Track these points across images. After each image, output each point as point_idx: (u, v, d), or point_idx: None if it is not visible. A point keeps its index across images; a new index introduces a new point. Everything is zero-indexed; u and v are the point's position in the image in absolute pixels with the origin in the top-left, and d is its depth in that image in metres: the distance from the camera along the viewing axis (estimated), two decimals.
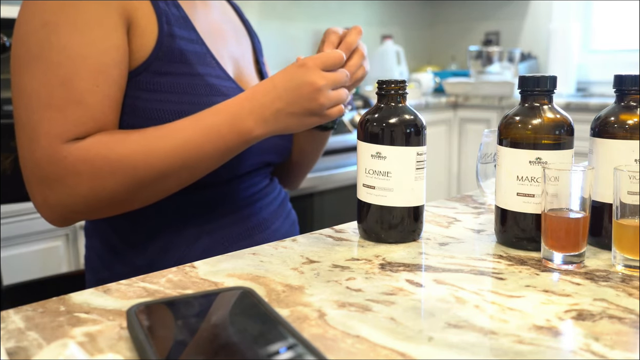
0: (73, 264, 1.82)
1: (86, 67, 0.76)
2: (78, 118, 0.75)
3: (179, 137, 0.76)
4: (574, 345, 0.46)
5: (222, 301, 0.50)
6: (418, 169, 0.70)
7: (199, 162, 0.77)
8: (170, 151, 0.75)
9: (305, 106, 0.77)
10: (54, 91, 0.75)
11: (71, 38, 0.75)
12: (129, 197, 0.77)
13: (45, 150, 0.74)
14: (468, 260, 0.65)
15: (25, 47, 0.76)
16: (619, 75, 0.68)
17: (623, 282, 0.58)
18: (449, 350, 0.45)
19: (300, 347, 0.41)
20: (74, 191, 0.75)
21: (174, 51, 0.82)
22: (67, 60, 0.75)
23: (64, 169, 0.74)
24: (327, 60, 0.78)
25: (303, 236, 0.74)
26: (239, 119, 0.77)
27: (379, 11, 3.46)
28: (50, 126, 0.74)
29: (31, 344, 0.46)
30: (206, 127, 0.76)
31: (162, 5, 0.83)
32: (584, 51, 3.17)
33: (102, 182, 0.75)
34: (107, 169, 0.75)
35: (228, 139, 0.77)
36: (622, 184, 0.60)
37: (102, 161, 0.74)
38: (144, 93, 0.80)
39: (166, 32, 0.81)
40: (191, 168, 0.78)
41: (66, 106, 0.75)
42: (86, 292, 0.56)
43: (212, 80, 0.84)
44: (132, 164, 0.75)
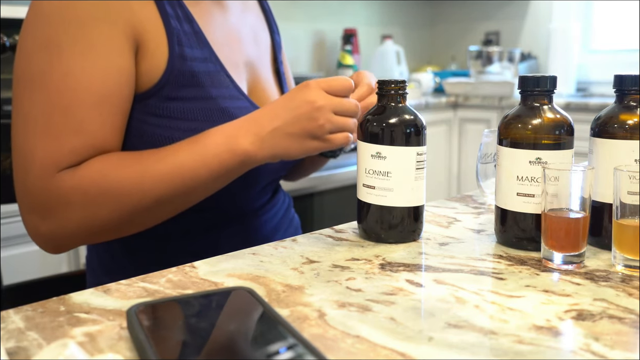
0: (73, 264, 1.82)
1: (88, 95, 0.73)
2: (75, 147, 0.73)
3: (173, 161, 0.73)
4: (574, 345, 0.46)
5: (222, 301, 0.50)
6: (418, 169, 0.70)
7: (195, 187, 0.75)
8: (164, 176, 0.73)
9: (305, 126, 0.73)
10: (53, 118, 0.72)
11: (74, 62, 0.72)
12: (123, 224, 0.75)
13: (37, 179, 0.72)
14: (468, 260, 0.65)
15: (27, 66, 0.74)
16: (619, 75, 0.68)
17: (623, 282, 0.58)
18: (449, 350, 0.45)
19: (300, 347, 0.41)
20: (66, 221, 0.73)
21: (185, 74, 0.79)
22: (68, 87, 0.72)
23: (56, 199, 0.72)
24: (332, 82, 0.74)
25: (303, 236, 0.74)
26: (235, 140, 0.73)
27: (379, 11, 3.46)
28: (45, 155, 0.72)
29: (31, 344, 0.46)
30: (201, 150, 0.73)
31: (174, 23, 0.79)
32: (584, 51, 3.17)
33: (95, 211, 0.73)
34: (100, 198, 0.72)
35: (224, 161, 0.74)
36: (622, 184, 0.60)
37: (95, 190, 0.72)
38: (153, 118, 0.78)
39: (177, 54, 0.78)
40: (187, 193, 0.75)
41: (64, 135, 0.72)
42: (86, 292, 0.56)
43: (224, 103, 0.82)
44: (126, 191, 0.72)
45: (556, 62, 2.96)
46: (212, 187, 0.76)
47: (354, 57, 3.02)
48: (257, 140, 0.73)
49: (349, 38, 3.04)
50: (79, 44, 0.72)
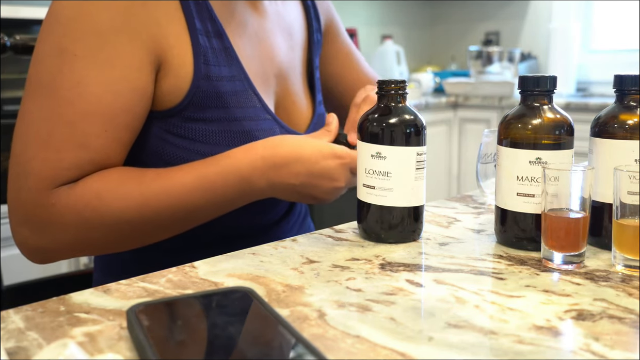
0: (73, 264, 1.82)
1: (97, 109, 0.69)
2: (76, 162, 0.69)
3: (178, 195, 0.71)
4: (574, 345, 0.46)
5: (222, 301, 0.50)
6: (418, 169, 0.70)
7: (197, 219, 0.74)
8: (167, 208, 0.71)
9: (315, 195, 0.75)
10: (56, 130, 0.69)
11: (87, 74, 0.69)
12: (116, 247, 0.74)
13: (32, 192, 0.69)
14: (468, 260, 0.65)
15: (38, 70, 0.70)
16: (619, 75, 0.68)
17: (623, 282, 0.58)
18: (449, 350, 0.45)
19: (300, 347, 0.41)
20: (57, 239, 0.70)
21: (210, 95, 0.75)
22: (78, 99, 0.68)
23: (49, 216, 0.69)
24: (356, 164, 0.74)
25: (303, 236, 0.74)
26: (248, 183, 0.72)
27: (379, 11, 3.46)
28: (42, 167, 0.69)
29: (31, 344, 0.46)
30: (210, 188, 0.71)
31: (202, 40, 0.75)
32: (584, 51, 3.17)
33: (89, 233, 0.70)
34: (96, 222, 0.70)
35: (233, 200, 0.73)
36: (622, 184, 0.60)
37: (92, 213, 0.69)
38: (173, 137, 0.76)
39: (203, 74, 0.75)
40: (188, 223, 0.74)
41: (65, 148, 0.69)
42: (86, 292, 0.56)
43: (249, 126, 0.79)
44: (124, 219, 0.70)
45: (556, 62, 2.96)
46: (215, 217, 0.76)
47: None
48: (270, 185, 0.73)
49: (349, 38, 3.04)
50: (95, 54, 0.69)
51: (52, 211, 0.69)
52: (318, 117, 0.94)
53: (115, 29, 0.70)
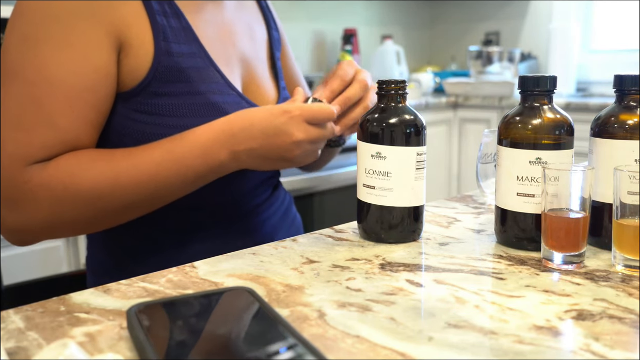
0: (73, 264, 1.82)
1: (61, 89, 0.72)
2: (46, 140, 0.72)
3: (147, 170, 0.74)
4: (574, 345, 0.46)
5: (222, 301, 0.50)
6: (418, 169, 0.70)
7: (167, 194, 0.76)
8: (137, 184, 0.73)
9: (280, 154, 0.76)
10: (25, 111, 0.72)
11: (50, 56, 0.72)
12: (89, 225, 0.76)
13: (5, 171, 0.72)
14: (468, 260, 0.65)
15: (6, 59, 0.74)
16: (619, 75, 0.68)
17: (623, 282, 0.58)
18: (449, 350, 0.45)
19: (300, 347, 0.41)
20: (31, 216, 0.73)
21: (171, 70, 0.78)
22: (43, 80, 0.72)
23: (22, 193, 0.72)
24: (316, 115, 0.76)
25: (303, 236, 0.74)
26: (211, 153, 0.75)
27: (379, 11, 3.46)
28: (14, 147, 0.71)
29: (31, 344, 0.46)
30: (177, 161, 0.74)
31: (160, 19, 0.78)
32: (584, 51, 3.17)
33: (62, 209, 0.73)
34: (69, 199, 0.72)
35: (200, 172, 0.75)
36: (622, 184, 0.60)
37: (64, 191, 0.72)
38: (140, 115, 0.78)
39: (163, 50, 0.77)
40: (159, 199, 0.76)
41: (35, 128, 0.72)
42: (86, 292, 0.56)
43: (214, 98, 0.81)
44: (96, 194, 0.73)
45: (556, 62, 2.96)
46: (185, 193, 0.78)
47: (354, 57, 3.02)
48: (233, 154, 0.75)
49: (349, 38, 3.04)
50: (55, 39, 0.72)
51: (24, 189, 0.71)
52: (283, 100, 0.97)
53: (74, 14, 0.73)
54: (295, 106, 0.76)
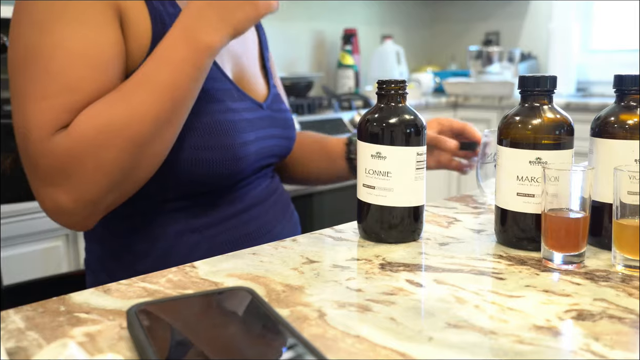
0: (73, 264, 1.82)
1: (82, 60, 0.73)
2: (71, 104, 0.72)
3: (154, 85, 0.73)
4: (574, 345, 0.46)
5: (222, 301, 0.50)
6: (418, 169, 0.70)
7: (182, 95, 0.74)
8: (152, 100, 0.72)
9: None
10: (47, 82, 0.72)
11: (63, 34, 0.72)
12: (135, 161, 0.73)
13: (36, 144, 0.71)
14: (468, 260, 0.65)
15: (17, 51, 0.74)
16: (619, 75, 0.68)
17: (623, 282, 0.58)
18: (449, 350, 0.45)
19: (300, 347, 0.41)
20: (79, 178, 0.71)
21: None
22: (62, 52, 0.72)
23: (59, 159, 0.71)
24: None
25: (303, 236, 0.74)
26: (195, 41, 0.74)
27: (379, 11, 3.46)
28: (41, 117, 0.71)
29: (31, 344, 0.46)
30: (171, 62, 0.73)
31: (157, 4, 0.80)
32: (584, 51, 3.17)
33: (103, 154, 0.71)
34: (102, 138, 0.71)
35: (197, 62, 0.74)
36: (622, 184, 0.60)
37: (94, 132, 0.71)
38: None
39: (160, 34, 0.79)
40: (179, 104, 0.75)
41: (59, 94, 0.71)
42: (86, 292, 0.56)
43: (206, 84, 0.82)
44: (123, 123, 0.71)
45: (556, 62, 2.96)
46: (196, 88, 0.77)
47: (354, 57, 3.02)
48: (212, 30, 0.75)
49: (349, 38, 3.04)
50: (67, 17, 0.73)
51: (57, 153, 0.71)
52: (273, 95, 0.98)
53: None
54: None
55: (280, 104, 1.00)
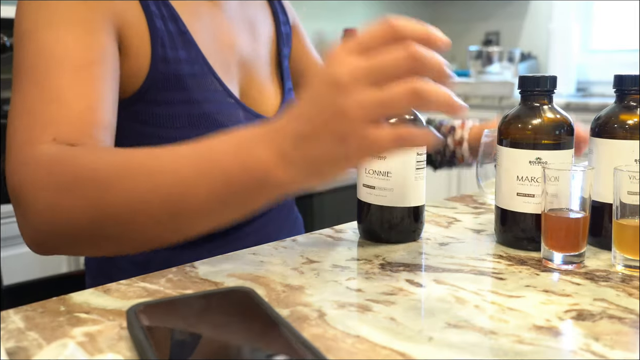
0: (73, 264, 1.82)
1: (62, 65, 0.67)
2: (52, 117, 0.64)
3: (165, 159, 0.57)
4: (574, 345, 0.46)
5: (222, 301, 0.50)
6: (418, 169, 0.70)
7: (188, 198, 0.55)
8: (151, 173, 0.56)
9: (325, 118, 0.48)
10: (28, 95, 0.66)
11: (45, 38, 0.68)
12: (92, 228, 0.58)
13: (11, 160, 0.64)
14: (468, 260, 0.65)
15: (14, 63, 0.70)
16: (619, 75, 0.68)
17: (623, 282, 0.58)
18: (449, 350, 0.45)
19: (301, 347, 0.41)
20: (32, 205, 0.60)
21: (169, 77, 0.75)
22: (41, 60, 0.67)
23: (24, 176, 0.61)
24: (364, 35, 0.49)
25: (303, 236, 0.74)
26: (246, 147, 0.53)
27: (379, 11, 3.46)
28: (21, 133, 0.64)
29: (31, 344, 0.46)
30: (202, 154, 0.55)
31: (159, 23, 0.75)
32: (584, 51, 3.17)
33: (60, 196, 0.58)
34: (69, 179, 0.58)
35: (230, 171, 0.53)
36: (622, 184, 0.60)
37: (65, 170, 0.59)
38: (139, 125, 0.75)
39: (160, 57, 0.75)
40: (179, 204, 0.55)
41: (39, 107, 0.65)
42: (86, 292, 0.56)
43: (210, 108, 0.78)
44: (101, 182, 0.57)
45: (556, 62, 2.96)
46: (211, 207, 0.56)
47: None
48: (277, 150, 0.51)
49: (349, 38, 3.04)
50: (50, 22, 0.68)
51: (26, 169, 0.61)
52: (288, 103, 0.93)
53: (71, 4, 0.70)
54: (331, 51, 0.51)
55: None
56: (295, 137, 0.50)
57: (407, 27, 0.48)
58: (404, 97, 0.46)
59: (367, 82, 0.46)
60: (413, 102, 0.46)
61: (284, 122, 0.52)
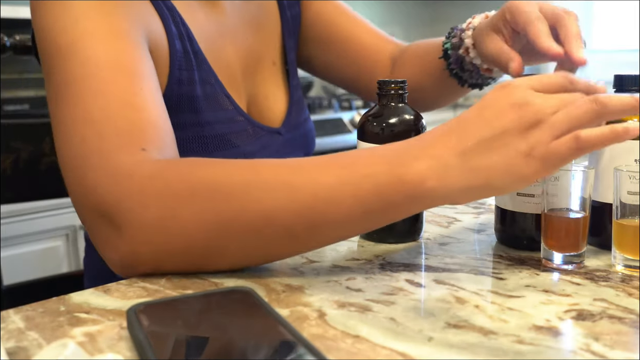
0: (73, 264, 1.83)
1: (121, 73, 0.61)
2: (130, 123, 0.59)
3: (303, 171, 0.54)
4: (574, 345, 0.46)
5: (222, 301, 0.50)
6: None
7: (329, 212, 0.53)
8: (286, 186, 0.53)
9: (511, 136, 0.50)
10: (90, 105, 0.60)
11: (94, 49, 0.62)
12: (208, 242, 0.55)
13: (98, 171, 0.57)
14: (468, 260, 0.65)
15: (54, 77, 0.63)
16: (619, 75, 0.68)
17: (623, 282, 0.58)
18: (449, 350, 0.45)
19: (300, 347, 0.41)
20: (136, 220, 0.55)
21: (182, 99, 0.74)
22: (96, 68, 0.61)
23: (125, 187, 0.56)
24: (544, 79, 0.53)
25: None
26: (401, 158, 0.52)
27: (379, 11, 3.46)
28: (98, 141, 0.58)
29: (31, 344, 0.46)
30: (347, 165, 0.53)
31: (178, 44, 0.73)
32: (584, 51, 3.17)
33: (176, 205, 0.54)
34: (186, 191, 0.54)
35: (385, 186, 0.52)
36: (622, 184, 0.60)
37: (182, 178, 0.55)
38: None
39: (177, 78, 0.73)
40: (317, 220, 0.53)
41: (109, 115, 0.59)
42: (86, 292, 0.56)
43: (221, 129, 0.76)
44: (226, 192, 0.54)
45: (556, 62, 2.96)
46: (358, 223, 0.54)
47: None
48: (438, 165, 0.50)
49: None
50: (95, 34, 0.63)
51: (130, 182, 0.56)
52: (294, 103, 0.91)
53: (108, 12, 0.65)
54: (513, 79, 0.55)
55: (300, 115, 0.92)
56: (464, 152, 0.51)
57: (580, 82, 0.54)
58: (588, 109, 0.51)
59: (555, 108, 0.51)
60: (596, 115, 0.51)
61: (447, 139, 0.52)
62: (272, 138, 0.86)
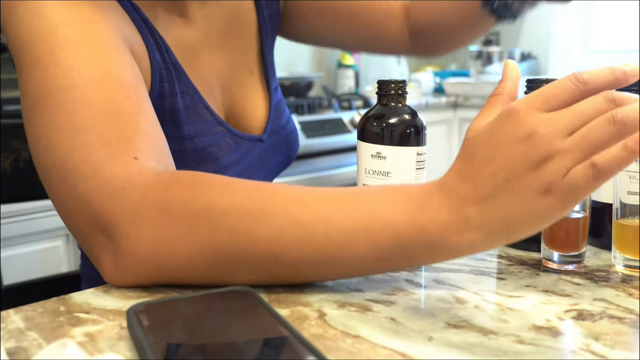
0: (73, 264, 1.82)
1: (106, 81, 0.59)
2: (118, 132, 0.57)
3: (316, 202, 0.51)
4: (574, 345, 0.46)
5: (222, 301, 0.50)
6: (418, 169, 0.70)
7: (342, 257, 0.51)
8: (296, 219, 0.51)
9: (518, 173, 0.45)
10: (75, 114, 0.57)
11: (76, 58, 0.59)
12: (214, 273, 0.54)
13: (91, 181, 0.55)
14: (468, 260, 0.65)
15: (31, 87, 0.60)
16: None
17: (623, 282, 0.58)
18: (449, 350, 0.45)
19: (301, 347, 0.41)
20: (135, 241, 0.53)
21: (164, 113, 0.71)
22: (80, 77, 0.58)
23: (121, 201, 0.54)
24: (548, 92, 0.48)
25: None
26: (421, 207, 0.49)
27: None
28: (86, 152, 0.56)
29: (31, 344, 0.46)
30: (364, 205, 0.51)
31: (157, 55, 0.71)
32: (584, 51, 3.17)
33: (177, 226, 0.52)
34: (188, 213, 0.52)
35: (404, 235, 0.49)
36: (622, 184, 0.60)
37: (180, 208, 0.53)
38: None
39: (158, 92, 0.71)
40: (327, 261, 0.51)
41: (95, 124, 0.57)
42: (86, 292, 0.56)
43: (201, 142, 0.74)
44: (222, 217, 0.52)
45: (556, 63, 2.96)
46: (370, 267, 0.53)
47: (354, 57, 3.02)
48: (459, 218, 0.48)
49: None
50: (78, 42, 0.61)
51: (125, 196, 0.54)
52: (275, 107, 0.89)
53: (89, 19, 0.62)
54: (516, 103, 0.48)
55: (281, 117, 0.89)
56: (480, 198, 0.47)
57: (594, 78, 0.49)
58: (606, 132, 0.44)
59: (565, 133, 0.45)
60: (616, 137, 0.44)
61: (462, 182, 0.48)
62: (254, 146, 0.84)
